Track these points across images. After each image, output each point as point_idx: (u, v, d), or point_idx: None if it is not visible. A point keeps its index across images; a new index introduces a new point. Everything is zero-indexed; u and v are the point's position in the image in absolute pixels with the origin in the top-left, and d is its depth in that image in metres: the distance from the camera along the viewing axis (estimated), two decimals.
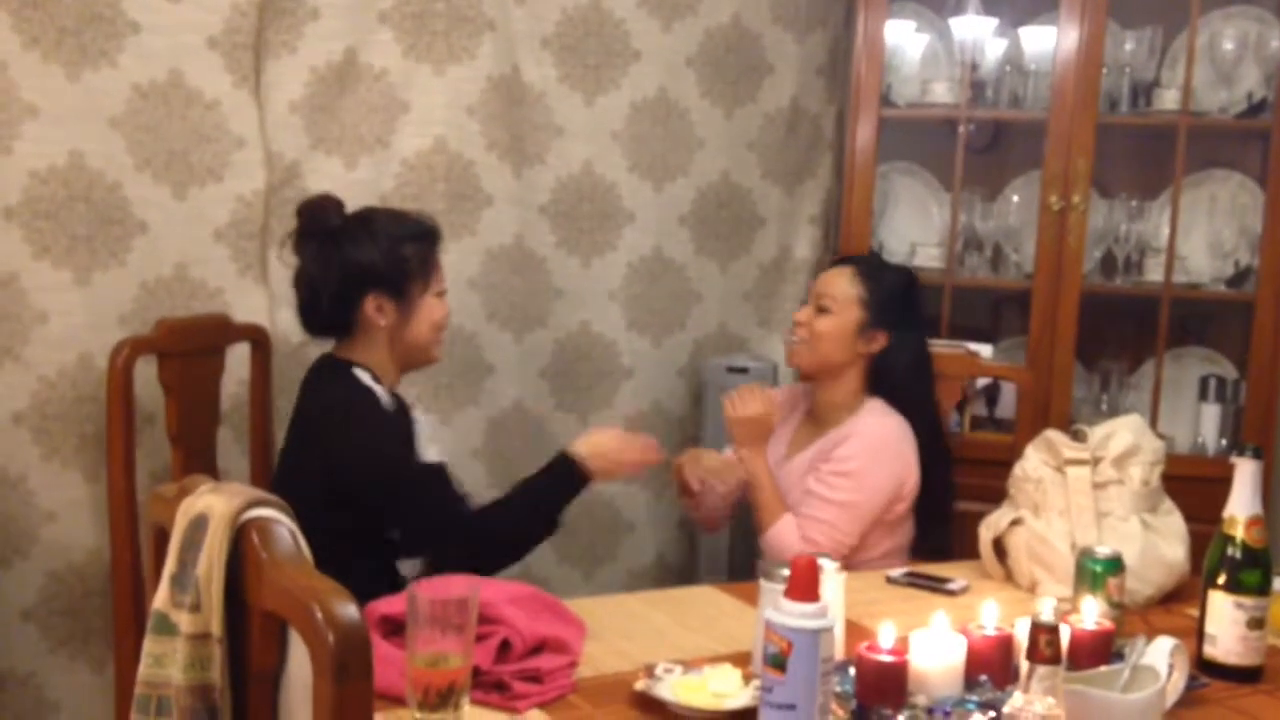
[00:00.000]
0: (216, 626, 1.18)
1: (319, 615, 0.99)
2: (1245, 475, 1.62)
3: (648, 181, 2.89)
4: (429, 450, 2.08)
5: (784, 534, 2.15)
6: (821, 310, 2.21)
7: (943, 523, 2.26)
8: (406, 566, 2.02)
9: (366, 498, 1.91)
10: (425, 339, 2.04)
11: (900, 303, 2.23)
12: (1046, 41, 2.84)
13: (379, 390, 1.99)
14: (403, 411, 2.06)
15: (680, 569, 3.01)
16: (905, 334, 2.22)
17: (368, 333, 2.01)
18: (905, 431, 2.19)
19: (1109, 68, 2.83)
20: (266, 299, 2.43)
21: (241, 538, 1.16)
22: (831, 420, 2.23)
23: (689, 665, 1.47)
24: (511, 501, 1.97)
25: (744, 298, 3.05)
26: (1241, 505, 1.62)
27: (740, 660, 1.51)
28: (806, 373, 2.27)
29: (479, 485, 2.63)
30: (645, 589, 2.53)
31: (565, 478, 1.96)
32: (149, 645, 1.22)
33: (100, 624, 2.22)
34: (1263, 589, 1.60)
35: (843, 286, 2.21)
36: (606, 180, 2.84)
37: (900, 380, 2.21)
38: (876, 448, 2.15)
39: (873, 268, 2.26)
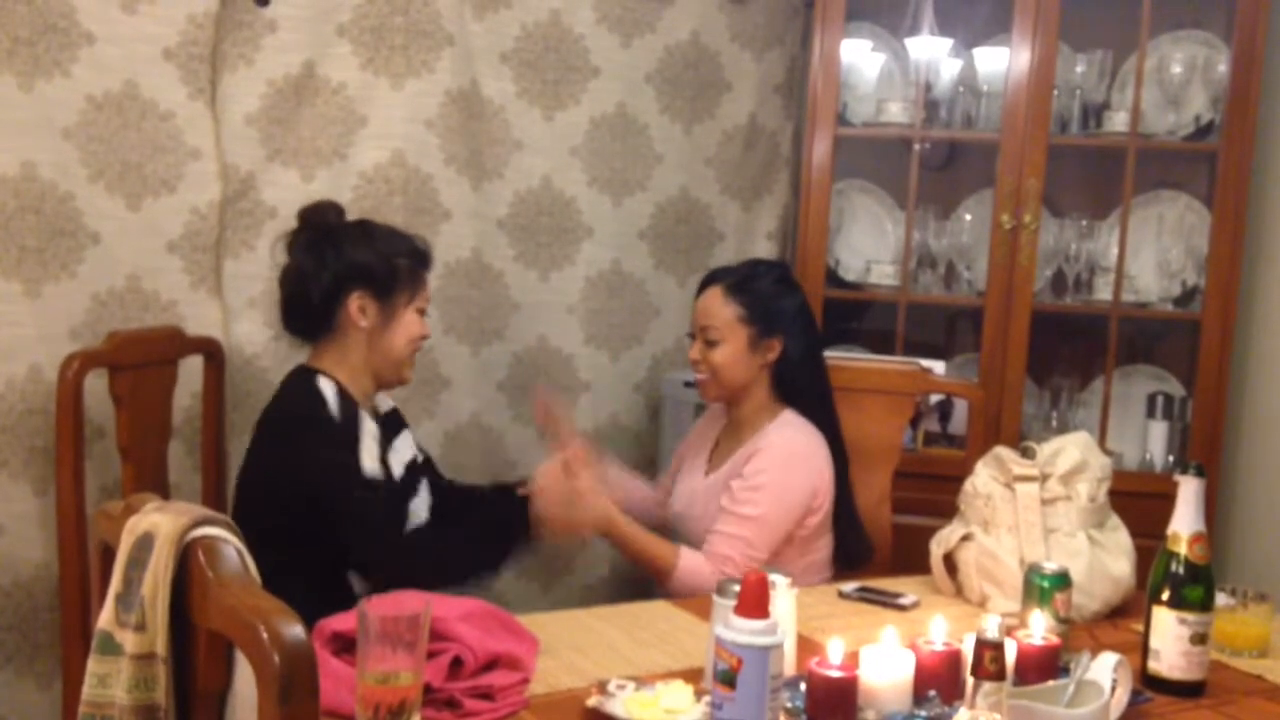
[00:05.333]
0: (161, 646, 1.17)
1: (264, 635, 0.98)
2: (1189, 493, 1.65)
3: (606, 196, 2.91)
4: (369, 459, 2.00)
5: (690, 569, 2.09)
6: (710, 343, 2.18)
7: (854, 526, 2.24)
8: (356, 581, 2.01)
9: (299, 503, 1.91)
10: (400, 352, 2.05)
11: (779, 303, 2.20)
12: (999, 63, 2.89)
13: (329, 395, 1.98)
14: (349, 419, 2.00)
15: (636, 582, 3.01)
16: (794, 330, 2.19)
17: (345, 336, 2.02)
18: (816, 442, 2.17)
19: (1060, 89, 2.87)
20: (220, 312, 2.41)
21: (187, 557, 1.16)
22: (747, 431, 2.21)
23: (641, 681, 1.48)
24: (453, 534, 2.01)
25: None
26: (1185, 522, 1.65)
27: (693, 676, 1.52)
28: (719, 402, 2.27)
29: None
30: (601, 602, 2.53)
31: (511, 512, 2.02)
32: (93, 665, 1.21)
33: (47, 640, 2.19)
34: (1205, 605, 1.63)
35: (719, 310, 2.18)
36: (565, 195, 2.85)
37: (801, 378, 2.20)
38: (786, 460, 2.13)
39: (739, 279, 2.22)
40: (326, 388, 1.99)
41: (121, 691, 1.18)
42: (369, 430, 2.02)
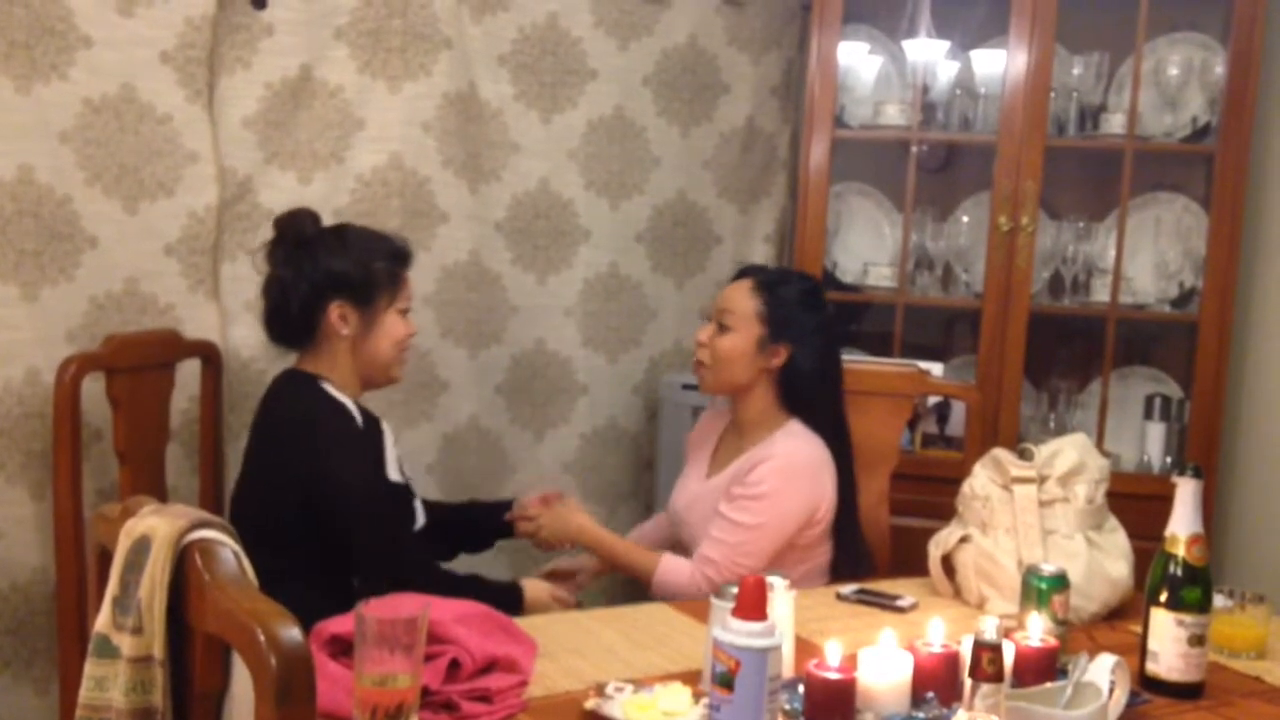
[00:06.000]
0: (159, 649, 1.17)
1: (261, 638, 0.98)
2: (1186, 494, 1.64)
3: (604, 199, 2.91)
4: (393, 468, 2.09)
5: (670, 573, 2.11)
6: (723, 328, 2.16)
7: (854, 537, 2.21)
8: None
9: (328, 514, 1.93)
10: (386, 355, 2.06)
11: (799, 313, 2.17)
12: (996, 65, 2.89)
13: (349, 404, 2.00)
14: (373, 426, 2.06)
15: (634, 585, 3.01)
16: (807, 345, 2.16)
17: (330, 343, 2.03)
18: (822, 457, 2.14)
19: (1057, 92, 2.87)
20: (218, 315, 2.41)
21: (184, 560, 1.16)
22: (751, 437, 2.18)
23: (640, 684, 1.48)
24: (458, 580, 2.02)
25: (700, 315, 3.07)
26: (1183, 524, 1.64)
27: (691, 678, 1.52)
28: (714, 393, 2.24)
29: None
30: (599, 605, 2.53)
31: (507, 601, 2.02)
32: (90, 668, 1.21)
33: (45, 644, 2.19)
34: (1203, 606, 1.62)
35: (742, 301, 2.16)
36: (563, 197, 2.85)
37: (807, 392, 2.17)
38: (790, 473, 2.10)
39: (772, 279, 2.20)
40: (343, 396, 2.01)
41: (119, 694, 1.18)
42: (389, 437, 2.05)
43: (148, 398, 2.20)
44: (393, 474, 2.05)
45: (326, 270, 2.00)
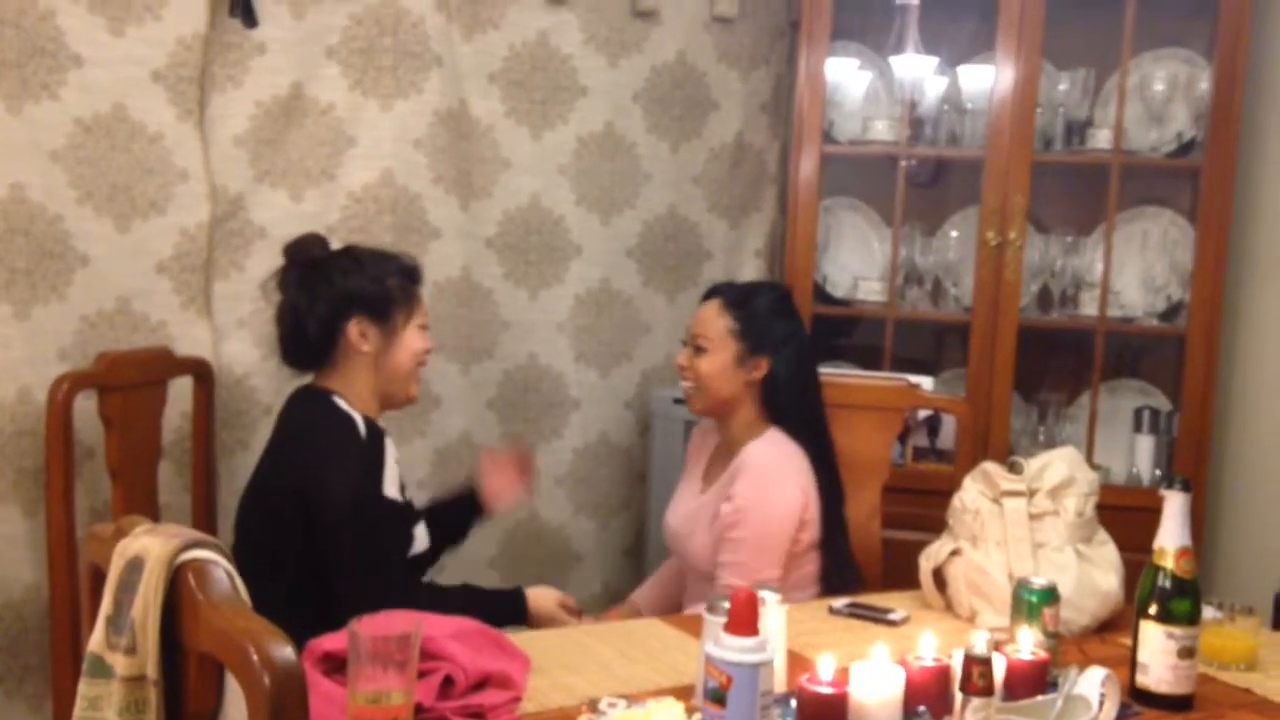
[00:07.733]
0: (152, 669, 1.17)
1: (255, 658, 0.99)
2: (1174, 508, 1.65)
3: (595, 214, 2.92)
4: (392, 486, 2.04)
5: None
6: (699, 350, 2.19)
7: (840, 546, 2.20)
8: None
9: (317, 525, 1.92)
10: (406, 369, 2.06)
11: (773, 323, 2.19)
12: (984, 81, 2.91)
13: (356, 417, 1.99)
14: (376, 441, 2.04)
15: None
16: (784, 353, 2.18)
17: (349, 360, 2.02)
18: (792, 458, 2.15)
19: (1044, 107, 2.89)
20: (210, 332, 2.41)
21: (178, 579, 1.16)
22: (737, 451, 2.19)
23: (632, 699, 1.48)
24: (450, 595, 2.00)
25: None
26: (1171, 537, 1.65)
27: (684, 693, 1.52)
28: (705, 414, 2.26)
29: None
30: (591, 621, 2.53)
31: (510, 609, 2.03)
32: (84, 688, 1.21)
33: (38, 662, 2.18)
34: (1192, 619, 1.63)
35: (713, 322, 2.19)
36: (554, 213, 2.86)
37: (789, 400, 2.18)
38: (760, 476, 2.11)
39: (739, 295, 2.23)
40: (352, 410, 2.00)
41: (112, 714, 1.18)
42: (392, 453, 2.03)
43: (140, 415, 2.20)
44: (390, 491, 2.02)
45: (343, 289, 2.00)
